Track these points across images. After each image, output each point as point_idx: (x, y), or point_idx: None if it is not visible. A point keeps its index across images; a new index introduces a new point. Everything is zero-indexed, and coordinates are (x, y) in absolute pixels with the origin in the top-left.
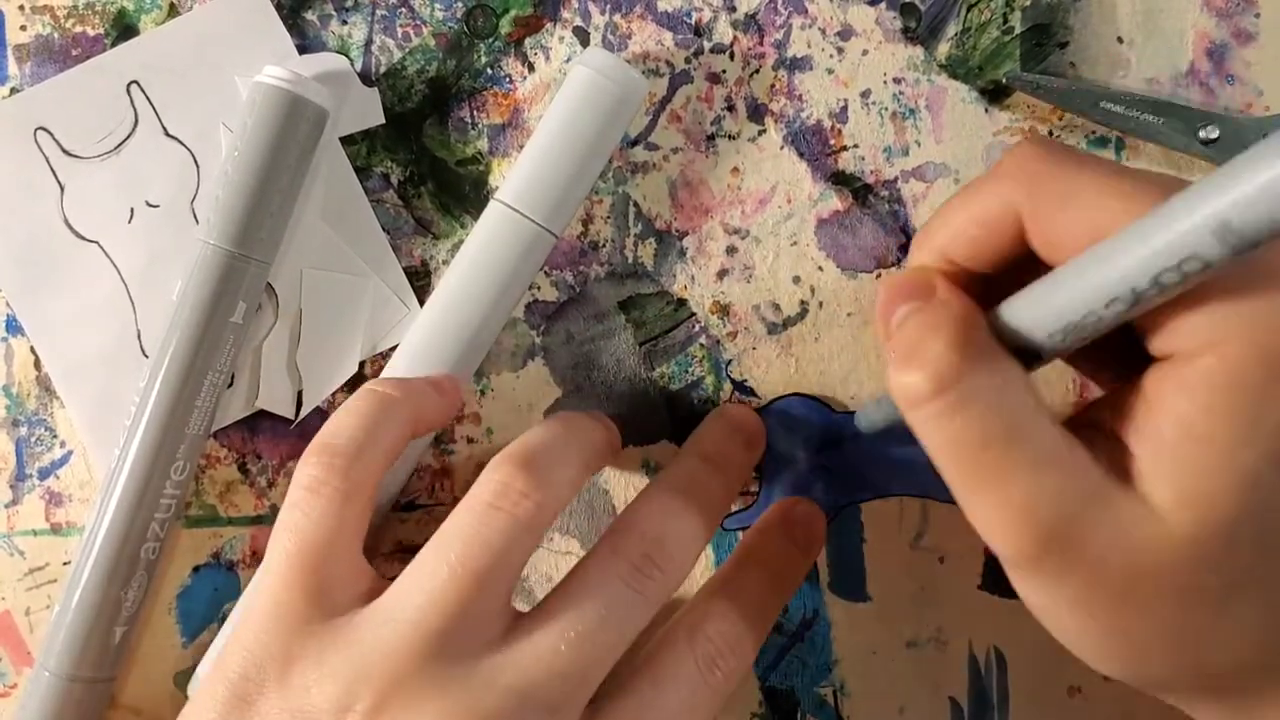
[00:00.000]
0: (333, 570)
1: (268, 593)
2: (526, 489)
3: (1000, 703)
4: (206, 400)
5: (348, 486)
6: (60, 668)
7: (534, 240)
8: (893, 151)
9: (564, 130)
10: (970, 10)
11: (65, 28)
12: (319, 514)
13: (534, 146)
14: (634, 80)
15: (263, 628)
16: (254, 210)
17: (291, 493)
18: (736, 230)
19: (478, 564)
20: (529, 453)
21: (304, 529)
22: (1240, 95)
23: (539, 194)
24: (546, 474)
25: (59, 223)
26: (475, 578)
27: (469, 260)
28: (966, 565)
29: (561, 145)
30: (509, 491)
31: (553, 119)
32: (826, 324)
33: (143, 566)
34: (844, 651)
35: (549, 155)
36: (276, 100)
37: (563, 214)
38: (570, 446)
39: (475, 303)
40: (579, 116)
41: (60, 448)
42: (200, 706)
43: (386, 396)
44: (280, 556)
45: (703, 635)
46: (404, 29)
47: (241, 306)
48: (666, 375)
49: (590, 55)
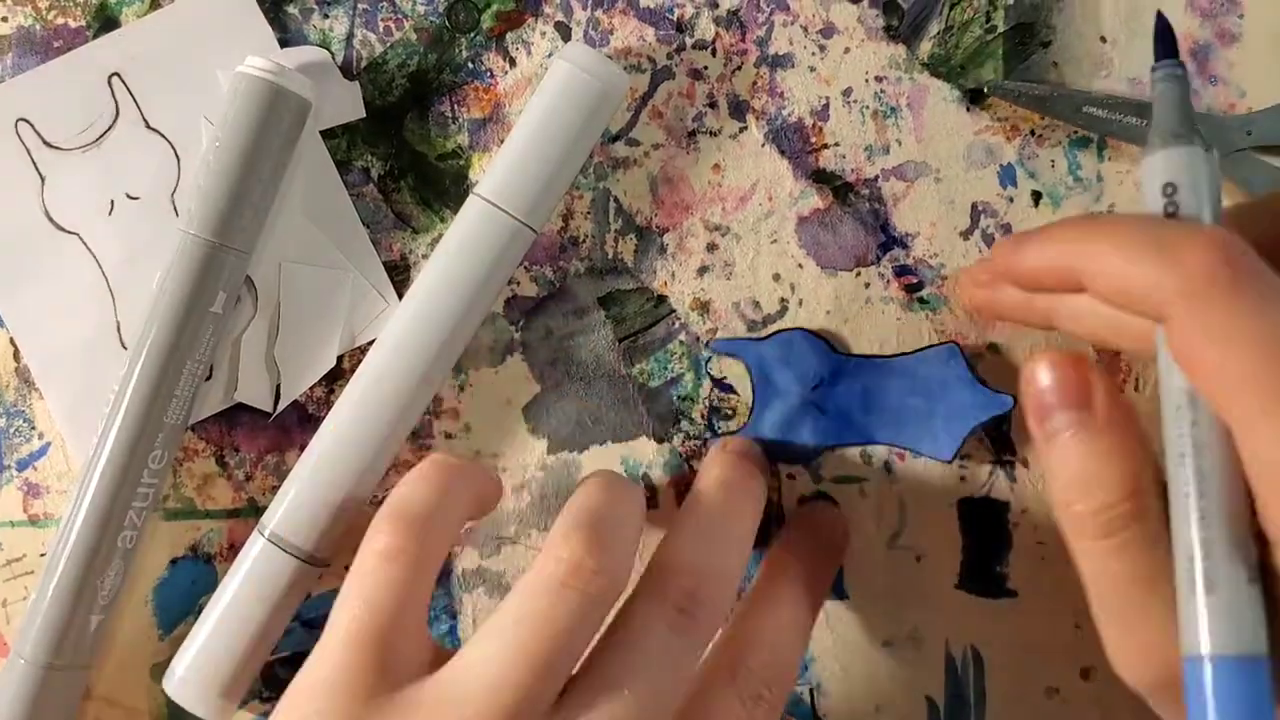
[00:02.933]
0: (401, 641)
1: (332, 660)
2: (599, 566)
3: (977, 702)
4: (185, 389)
5: (422, 555)
6: (36, 655)
7: (513, 235)
8: (874, 150)
9: (544, 125)
10: (953, 9)
11: (47, 19)
12: (394, 582)
13: (514, 141)
14: (615, 75)
15: (326, 696)
16: (235, 200)
17: (363, 560)
18: (717, 227)
19: (549, 647)
20: (595, 523)
21: (377, 598)
22: (1223, 96)
23: (519, 189)
24: (613, 546)
25: (39, 214)
26: (546, 661)
27: (448, 255)
28: (944, 564)
29: (542, 140)
30: (581, 571)
31: (533, 113)
32: (806, 322)
33: (120, 555)
34: (820, 650)
35: (529, 150)
36: (259, 91)
37: (542, 209)
38: (628, 513)
39: (454, 297)
40: (559, 111)
41: (39, 439)
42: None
43: (456, 467)
44: (351, 624)
45: (744, 669)
46: (385, 23)
47: (221, 296)
48: (645, 372)
49: (571, 50)
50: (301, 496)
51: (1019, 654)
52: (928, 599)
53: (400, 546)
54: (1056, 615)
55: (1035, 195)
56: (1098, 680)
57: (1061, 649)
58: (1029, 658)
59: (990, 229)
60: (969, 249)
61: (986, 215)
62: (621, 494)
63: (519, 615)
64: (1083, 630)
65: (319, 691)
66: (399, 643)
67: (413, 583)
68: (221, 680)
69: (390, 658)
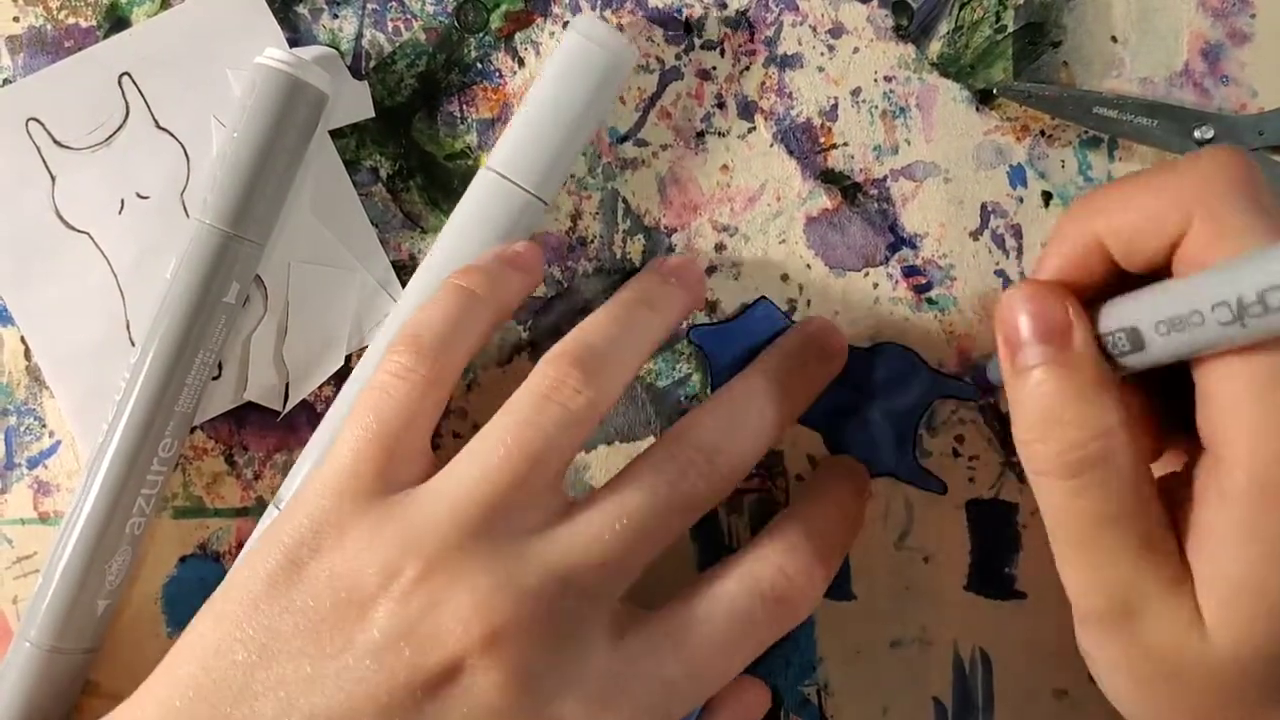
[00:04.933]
0: (403, 452)
1: (338, 465)
2: (579, 385)
3: (985, 704)
4: (197, 379)
5: (433, 375)
6: (41, 639)
7: (524, 207)
8: (882, 150)
9: (554, 97)
10: (963, 8)
11: (58, 19)
12: (402, 397)
13: (524, 114)
14: (624, 48)
15: (326, 496)
16: (251, 190)
17: (376, 376)
18: (725, 228)
19: (531, 446)
20: (585, 350)
21: (386, 410)
22: (1235, 96)
23: (529, 161)
24: (599, 372)
25: (50, 213)
26: (527, 457)
27: (457, 229)
28: (952, 565)
29: (551, 112)
30: (563, 387)
31: (543, 86)
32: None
33: (127, 541)
34: (828, 650)
35: (539, 122)
36: (277, 82)
37: (553, 181)
38: (625, 344)
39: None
40: (569, 83)
41: (49, 438)
42: (251, 566)
43: (472, 294)
44: (359, 433)
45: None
46: (394, 23)
47: (235, 287)
48: (653, 372)
49: (581, 22)
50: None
51: (1027, 656)
52: (936, 600)
53: (411, 366)
54: (1065, 617)
55: (1045, 196)
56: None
57: (1070, 651)
58: (1037, 660)
59: (1000, 229)
60: (978, 250)
61: (996, 216)
62: (627, 322)
63: (503, 420)
64: None
65: (325, 490)
66: (402, 453)
67: (421, 399)
68: None
69: (391, 466)
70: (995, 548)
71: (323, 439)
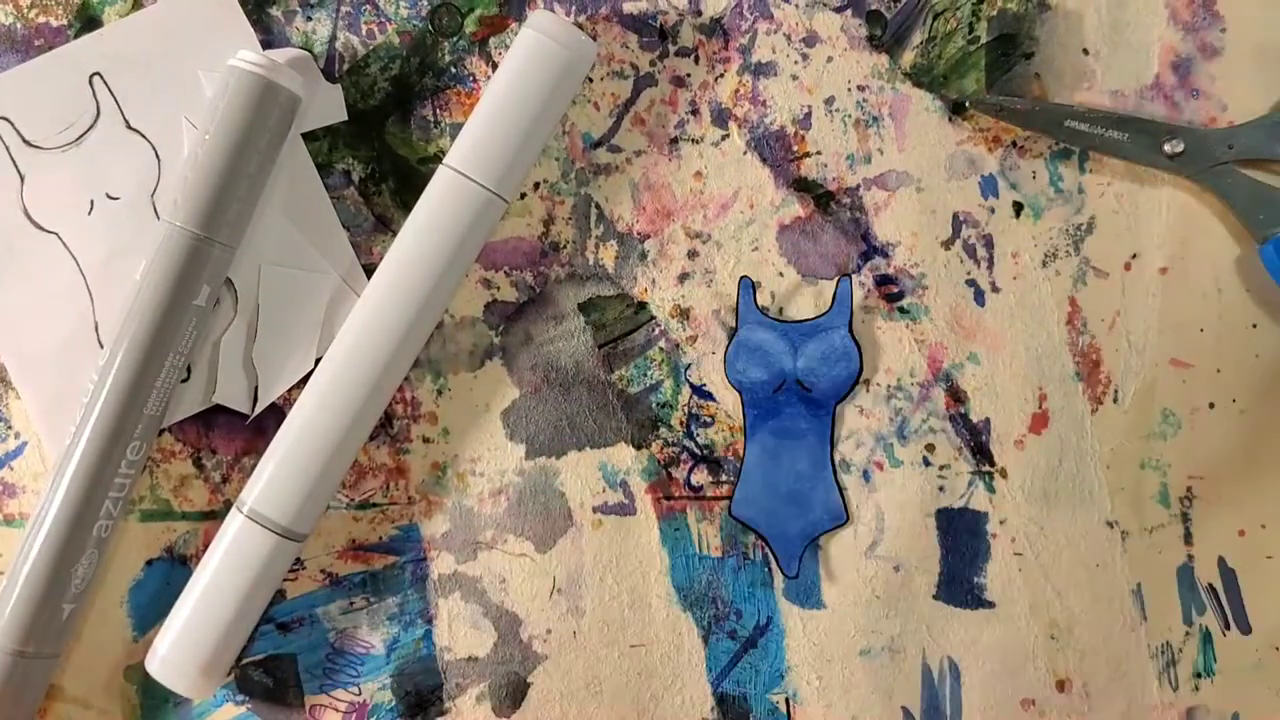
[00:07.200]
0: None
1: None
2: None
3: (953, 713)
4: (165, 381)
5: None
6: (5, 642)
7: (484, 206)
8: (855, 159)
9: (512, 94)
10: (936, 19)
11: (28, 17)
12: None
13: (482, 111)
14: (583, 43)
15: None
16: (222, 193)
17: None
18: (698, 234)
19: None
20: None
21: None
22: (1205, 109)
23: (488, 158)
24: None
25: (18, 213)
26: None
27: (417, 228)
28: (922, 574)
29: (510, 109)
30: None
31: (501, 83)
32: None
33: (94, 544)
34: (797, 659)
35: (498, 120)
36: (250, 84)
37: (513, 179)
38: None
39: (426, 268)
40: (528, 80)
41: (15, 439)
42: None
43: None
44: None
45: None
46: (368, 26)
47: (205, 290)
48: (625, 378)
49: (538, 18)
50: (279, 471)
51: (995, 665)
52: (905, 609)
53: None
54: (1033, 626)
55: (1017, 206)
56: (1073, 692)
57: (1037, 660)
58: (1005, 669)
59: (971, 239)
60: (950, 259)
61: (968, 225)
62: None
63: None
64: (1058, 642)
65: None
66: None
67: None
68: (202, 657)
69: None
70: (965, 557)
71: (286, 440)
